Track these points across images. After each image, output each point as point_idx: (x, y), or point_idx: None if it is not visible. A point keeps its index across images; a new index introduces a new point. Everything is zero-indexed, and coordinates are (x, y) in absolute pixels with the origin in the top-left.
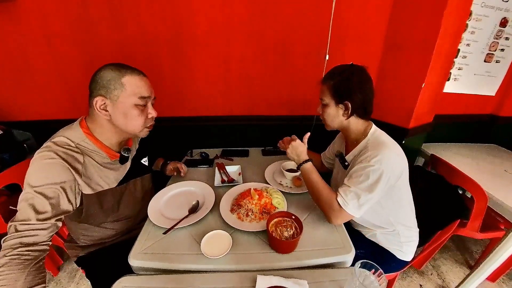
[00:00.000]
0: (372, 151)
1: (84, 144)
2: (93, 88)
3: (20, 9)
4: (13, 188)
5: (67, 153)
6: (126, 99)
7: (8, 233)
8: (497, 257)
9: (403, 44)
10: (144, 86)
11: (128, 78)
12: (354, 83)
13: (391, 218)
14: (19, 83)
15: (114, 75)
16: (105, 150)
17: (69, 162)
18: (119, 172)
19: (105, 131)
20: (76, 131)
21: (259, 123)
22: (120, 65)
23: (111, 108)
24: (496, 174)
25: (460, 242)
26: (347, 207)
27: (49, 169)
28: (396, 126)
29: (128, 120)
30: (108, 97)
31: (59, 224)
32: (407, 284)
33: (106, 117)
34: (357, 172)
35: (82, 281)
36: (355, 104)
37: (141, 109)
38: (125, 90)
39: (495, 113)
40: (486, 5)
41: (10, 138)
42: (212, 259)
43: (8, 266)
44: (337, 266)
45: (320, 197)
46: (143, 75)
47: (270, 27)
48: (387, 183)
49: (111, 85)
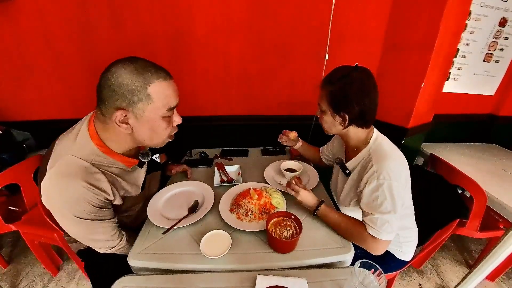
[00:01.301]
0: (376, 164)
1: (98, 159)
2: (108, 97)
3: (18, 9)
4: (13, 188)
5: (89, 176)
6: (154, 113)
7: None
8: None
9: (402, 44)
10: (173, 93)
11: (155, 87)
12: (352, 95)
13: None
14: (18, 83)
15: (138, 83)
16: (121, 160)
17: (93, 185)
18: (138, 176)
19: (122, 141)
20: (86, 146)
21: (258, 123)
22: (141, 67)
23: (133, 121)
24: (495, 173)
25: (460, 241)
26: (381, 235)
27: (81, 204)
28: (396, 125)
29: (155, 134)
30: (130, 110)
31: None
32: (407, 283)
33: (127, 131)
34: (372, 195)
35: (81, 281)
36: (353, 116)
37: (168, 120)
38: (152, 102)
39: (494, 113)
40: (485, 5)
41: (10, 138)
42: (212, 259)
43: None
44: (337, 265)
45: (349, 235)
46: (169, 77)
47: (270, 27)
48: (401, 192)
49: (135, 97)
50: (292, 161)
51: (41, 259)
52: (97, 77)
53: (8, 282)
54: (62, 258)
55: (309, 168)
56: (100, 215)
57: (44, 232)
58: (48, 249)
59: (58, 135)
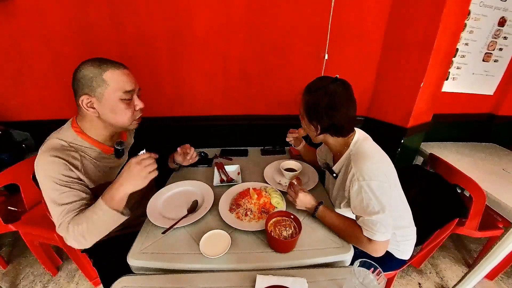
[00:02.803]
0: (355, 166)
1: (77, 142)
2: (77, 87)
3: (17, 9)
4: (12, 188)
5: (63, 152)
6: (111, 95)
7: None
8: (495, 256)
9: (402, 44)
10: (127, 79)
11: (109, 73)
12: (322, 108)
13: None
14: (17, 83)
15: (96, 72)
16: (98, 145)
17: (67, 160)
18: (116, 166)
19: (96, 127)
20: (67, 131)
21: (258, 123)
22: (99, 61)
23: (97, 105)
24: (494, 173)
25: (459, 240)
26: (376, 236)
27: (54, 167)
28: (395, 125)
29: (117, 115)
30: (93, 95)
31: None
32: (406, 282)
33: (94, 114)
34: (357, 198)
35: (81, 281)
36: (323, 126)
37: (127, 102)
38: (108, 86)
39: (493, 112)
40: (484, 4)
41: (9, 138)
42: (211, 258)
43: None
44: (336, 265)
45: (347, 237)
46: (123, 67)
47: (269, 26)
48: (385, 190)
49: (94, 83)
50: (292, 161)
51: (40, 259)
52: None
53: (8, 282)
54: (62, 258)
55: (308, 168)
56: (71, 186)
57: (44, 232)
58: (48, 249)
59: None
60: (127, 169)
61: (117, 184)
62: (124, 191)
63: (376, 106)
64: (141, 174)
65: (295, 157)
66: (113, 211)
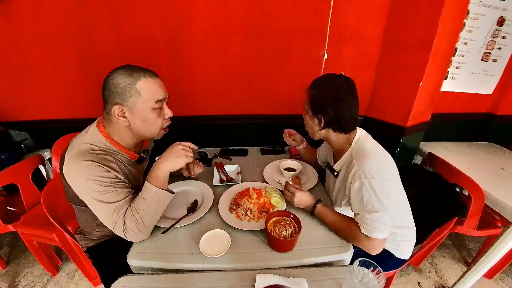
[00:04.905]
0: (357, 164)
1: (106, 147)
2: (108, 96)
3: (16, 9)
4: (11, 188)
5: (96, 156)
6: (143, 105)
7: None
8: (494, 254)
9: (401, 43)
10: (159, 88)
11: (142, 83)
12: (328, 99)
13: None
14: (16, 83)
15: (128, 81)
16: (125, 151)
17: (103, 163)
18: (139, 172)
19: (123, 134)
20: (95, 136)
21: (257, 122)
22: (131, 69)
23: (129, 114)
24: (493, 172)
25: (458, 239)
26: (374, 233)
27: (92, 170)
28: (394, 124)
29: (147, 125)
30: (125, 105)
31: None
32: (406, 281)
33: (125, 124)
34: (358, 195)
35: (81, 282)
36: (328, 120)
37: (158, 112)
38: (141, 96)
39: (492, 112)
40: (483, 4)
41: (7, 138)
42: (211, 258)
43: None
44: (336, 264)
45: (345, 235)
46: (155, 76)
47: (268, 26)
48: (386, 189)
49: (127, 93)
50: (292, 160)
51: (40, 259)
52: (95, 77)
53: (7, 283)
54: (61, 259)
55: (308, 167)
56: (115, 186)
57: (43, 232)
58: (47, 249)
59: (56, 135)
60: (170, 148)
61: (158, 164)
62: (165, 168)
63: (375, 106)
64: (181, 153)
65: (295, 157)
66: (162, 190)
